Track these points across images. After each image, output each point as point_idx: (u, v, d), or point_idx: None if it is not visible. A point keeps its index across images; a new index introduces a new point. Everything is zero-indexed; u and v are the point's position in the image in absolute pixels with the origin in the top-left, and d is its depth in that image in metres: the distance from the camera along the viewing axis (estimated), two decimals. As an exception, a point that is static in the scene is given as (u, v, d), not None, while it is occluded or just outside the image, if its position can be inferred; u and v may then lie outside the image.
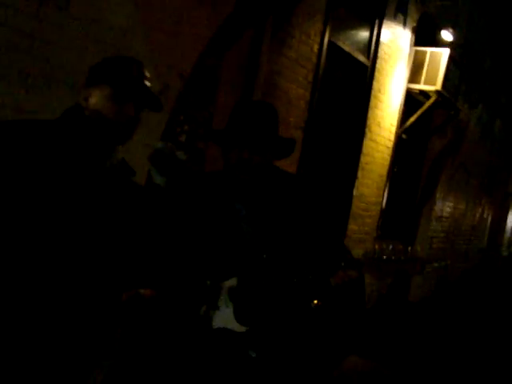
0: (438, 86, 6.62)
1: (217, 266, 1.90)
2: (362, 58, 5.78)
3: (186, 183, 2.07)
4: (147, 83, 1.72)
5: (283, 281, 1.83)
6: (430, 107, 6.91)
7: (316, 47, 4.85)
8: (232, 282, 1.88)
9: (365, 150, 6.12)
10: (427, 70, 6.66)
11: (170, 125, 3.37)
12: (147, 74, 1.73)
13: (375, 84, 6.05)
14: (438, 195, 8.56)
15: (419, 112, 6.88)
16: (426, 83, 6.72)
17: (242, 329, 1.85)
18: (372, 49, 5.90)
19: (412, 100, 7.01)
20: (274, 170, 2.02)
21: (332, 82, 5.38)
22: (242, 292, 1.86)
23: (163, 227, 2.09)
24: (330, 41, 5.01)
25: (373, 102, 6.08)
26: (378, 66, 6.02)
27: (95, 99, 1.67)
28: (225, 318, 1.86)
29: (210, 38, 3.52)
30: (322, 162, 5.48)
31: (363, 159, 6.12)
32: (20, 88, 2.65)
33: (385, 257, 1.80)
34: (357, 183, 6.07)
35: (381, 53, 6.03)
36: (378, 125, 6.35)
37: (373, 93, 6.03)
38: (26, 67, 2.66)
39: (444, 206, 9.08)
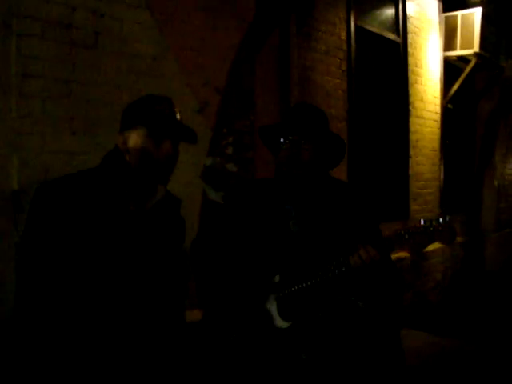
0: (476, 47, 6.40)
1: (263, 265, 1.90)
2: (392, 36, 5.67)
3: (239, 192, 2.08)
4: (179, 118, 1.75)
5: (322, 276, 1.80)
6: (471, 71, 6.68)
7: (344, 35, 4.79)
8: (275, 279, 1.88)
9: (412, 127, 5.99)
10: (461, 34, 6.46)
11: (215, 140, 3.39)
12: (177, 109, 1.75)
13: (410, 59, 5.92)
14: (496, 159, 8.26)
15: (461, 78, 6.66)
16: (462, 48, 6.52)
17: (285, 324, 1.85)
18: (400, 25, 5.78)
19: (451, 68, 6.81)
20: (325, 175, 2.02)
21: (366, 67, 5.29)
22: (285, 288, 1.85)
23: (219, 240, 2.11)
24: (356, 25, 4.95)
25: (411, 77, 5.95)
26: (409, 40, 5.89)
27: (133, 141, 1.69)
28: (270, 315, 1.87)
29: (238, 47, 3.54)
30: (371, 149, 5.39)
31: (413, 137, 5.99)
32: (66, 132, 2.73)
33: (416, 230, 1.73)
34: (410, 162, 5.94)
35: (410, 27, 5.90)
36: (421, 100, 6.20)
37: (409, 68, 5.90)
38: (69, 111, 2.74)
39: (505, 170, 8.76)
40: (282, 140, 1.93)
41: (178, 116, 1.75)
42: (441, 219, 1.69)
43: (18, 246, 2.30)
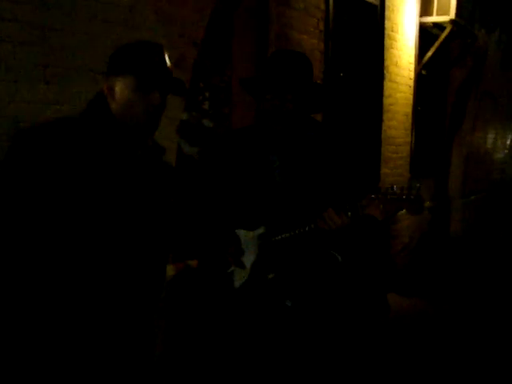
0: (452, 14, 6.42)
1: (247, 215, 1.91)
2: (370, -1, 5.63)
3: (220, 142, 2.08)
4: (169, 68, 1.70)
5: (305, 228, 1.83)
6: (446, 38, 6.71)
7: (323, -6, 4.73)
8: (260, 230, 1.90)
9: (386, 92, 6.01)
10: (438, 0, 6.46)
11: (192, 94, 3.35)
12: (167, 58, 1.70)
13: (387, 23, 5.90)
14: (465, 127, 8.39)
15: (436, 45, 6.69)
16: (438, 14, 6.52)
17: (270, 275, 1.87)
18: (379, -14, 5.73)
19: (427, 34, 6.82)
20: (306, 119, 2.01)
21: (344, 29, 5.26)
22: (269, 240, 1.87)
23: (196, 190, 2.11)
24: (335, -15, 4.89)
25: (387, 42, 5.94)
26: (387, 3, 5.84)
27: (120, 90, 1.64)
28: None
29: (216, 0, 3.47)
30: (345, 111, 5.41)
31: (386, 101, 6.02)
32: (40, 81, 2.66)
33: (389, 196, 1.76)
34: (383, 126, 5.98)
35: (388, -11, 5.86)
36: (396, 65, 6.21)
37: (386, 33, 5.88)
38: (42, 59, 2.66)
39: (473, 137, 8.91)
40: (264, 91, 1.93)
41: (168, 65, 1.70)
42: (412, 188, 1.72)
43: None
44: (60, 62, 2.70)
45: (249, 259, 1.88)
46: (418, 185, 1.76)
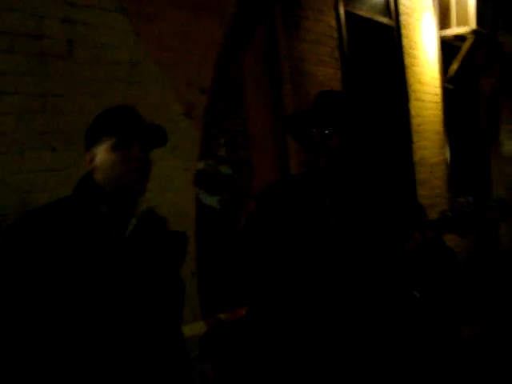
0: (472, 24, 6.22)
1: (306, 263, 1.80)
2: (384, 20, 5.48)
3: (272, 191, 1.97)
4: (144, 121, 1.63)
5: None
6: (470, 49, 6.49)
7: (333, 22, 4.62)
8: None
9: (413, 111, 5.81)
10: (457, 11, 6.28)
11: (206, 142, 3.24)
12: (142, 115, 1.64)
13: (405, 42, 5.74)
14: (502, 136, 8.06)
15: (459, 57, 6.48)
16: (458, 25, 6.34)
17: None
18: (392, 7, 5.59)
19: (449, 47, 6.62)
20: (356, 162, 1.90)
21: (360, 53, 5.12)
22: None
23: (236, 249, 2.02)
24: (346, 11, 4.77)
25: (407, 60, 5.77)
26: (402, 22, 5.70)
27: (100, 157, 1.58)
28: None
29: (222, 44, 3.38)
30: (373, 138, 5.21)
31: (414, 121, 5.81)
32: (45, 149, 2.59)
33: (465, 209, 1.58)
34: (414, 148, 5.76)
35: (402, 8, 5.72)
36: (420, 82, 6.02)
37: (405, 51, 5.72)
38: (45, 127, 2.60)
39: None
40: (307, 129, 1.85)
41: (142, 118, 1.63)
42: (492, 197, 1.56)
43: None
44: (64, 128, 2.63)
45: None
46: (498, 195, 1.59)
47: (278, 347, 1.78)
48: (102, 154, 1.57)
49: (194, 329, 3.12)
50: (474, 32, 6.26)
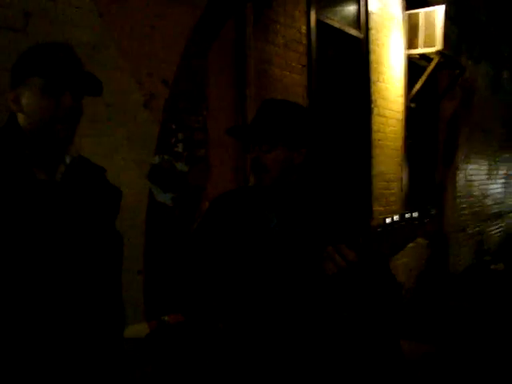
0: (439, 45, 6.29)
1: (242, 273, 1.72)
2: (354, 32, 5.48)
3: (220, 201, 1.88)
4: (81, 66, 1.49)
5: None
6: (434, 70, 6.57)
7: (304, 28, 4.57)
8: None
9: (375, 126, 5.82)
10: (425, 31, 6.34)
11: (163, 136, 3.12)
12: (78, 57, 1.50)
13: (373, 56, 5.75)
14: (458, 160, 8.20)
15: (424, 77, 6.54)
16: (425, 46, 6.39)
17: None
18: (362, 20, 5.60)
19: (414, 66, 6.69)
20: (303, 175, 1.81)
21: (327, 63, 5.10)
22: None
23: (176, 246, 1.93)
24: (317, 19, 4.74)
25: (374, 75, 5.78)
26: (371, 37, 5.72)
27: (26, 98, 1.43)
28: None
29: (189, 37, 3.27)
30: (332, 149, 5.20)
31: (375, 136, 5.82)
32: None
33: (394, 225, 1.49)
34: (373, 162, 5.77)
35: (372, 23, 5.73)
36: (384, 98, 6.04)
37: (372, 66, 5.73)
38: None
39: (467, 170, 8.71)
40: (247, 145, 1.77)
41: (78, 64, 1.49)
42: (424, 211, 1.46)
43: None
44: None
45: None
46: (434, 210, 1.49)
47: (221, 330, 1.70)
48: (27, 96, 1.42)
49: (136, 330, 2.98)
50: (439, 53, 6.34)
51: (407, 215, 1.45)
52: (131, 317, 2.93)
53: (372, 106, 5.74)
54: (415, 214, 1.44)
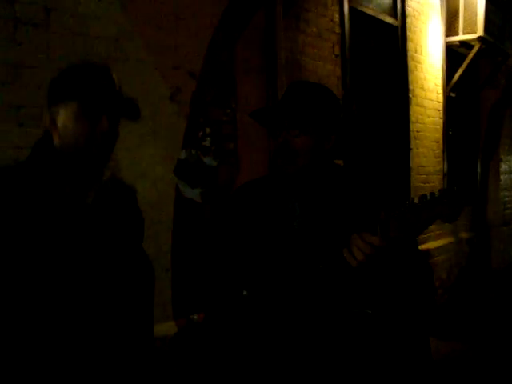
0: (480, 31, 6.01)
1: (262, 267, 1.63)
2: (389, 20, 5.28)
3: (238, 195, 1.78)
4: (118, 89, 1.44)
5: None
6: (474, 57, 6.29)
7: (337, 17, 4.41)
8: None
9: (413, 117, 5.61)
10: (464, 17, 6.08)
11: (191, 131, 3.03)
12: (116, 79, 1.45)
13: (410, 45, 5.54)
14: (501, 151, 7.88)
15: (464, 65, 6.28)
16: (465, 32, 6.14)
17: None
18: (398, 7, 5.39)
19: (454, 54, 6.44)
20: (328, 163, 1.69)
21: (362, 52, 4.92)
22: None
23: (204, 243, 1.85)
24: (350, 7, 4.57)
25: (411, 64, 5.57)
26: (408, 24, 5.51)
27: (62, 120, 1.39)
28: None
29: (216, 27, 3.17)
30: (368, 141, 5.03)
31: (413, 127, 5.62)
32: (12, 124, 2.38)
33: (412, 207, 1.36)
34: (411, 154, 5.56)
35: (409, 10, 5.52)
36: (422, 88, 5.83)
37: (409, 54, 5.52)
38: (15, 100, 2.39)
39: (511, 161, 8.37)
40: (273, 129, 1.63)
41: (116, 87, 1.44)
42: (447, 190, 1.33)
43: None
44: (35, 102, 2.41)
45: None
46: (455, 187, 1.36)
47: (245, 297, 1.62)
48: (63, 117, 1.39)
49: (164, 329, 2.91)
50: (480, 39, 6.06)
51: (429, 197, 1.33)
52: (159, 315, 2.87)
53: (410, 95, 5.54)
54: (437, 194, 1.32)
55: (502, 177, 7.89)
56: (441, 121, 6.21)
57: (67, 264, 1.35)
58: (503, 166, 7.98)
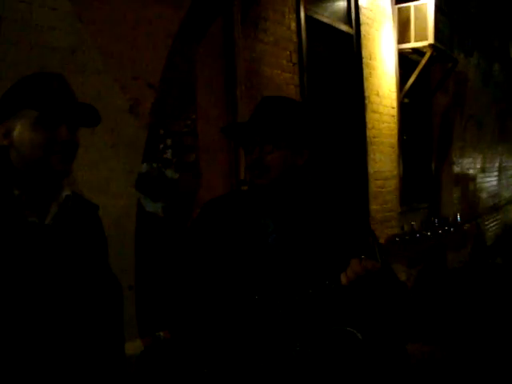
0: (430, 39, 6.17)
1: (237, 284, 1.60)
2: (344, 28, 5.34)
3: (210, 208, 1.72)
4: (75, 97, 1.40)
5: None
6: (426, 64, 6.44)
7: (293, 25, 4.42)
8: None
9: (369, 123, 5.68)
10: (415, 25, 6.22)
11: (151, 143, 2.96)
12: (71, 87, 1.40)
13: (364, 52, 5.61)
14: (453, 153, 8.09)
15: (417, 71, 6.42)
16: (417, 40, 6.28)
17: None
18: (353, 15, 5.46)
19: (407, 61, 6.57)
20: (303, 177, 1.68)
21: (319, 60, 4.95)
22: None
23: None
24: (307, 15, 4.59)
25: (366, 71, 5.65)
26: (362, 32, 5.58)
27: (19, 131, 1.32)
28: None
29: (175, 37, 3.12)
30: (328, 147, 5.05)
31: (370, 133, 5.69)
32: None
33: (418, 235, 1.40)
34: (369, 160, 5.63)
35: (363, 18, 5.59)
36: (377, 94, 5.91)
37: (364, 61, 5.59)
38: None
39: (462, 163, 8.60)
40: (245, 144, 1.62)
41: (73, 93, 1.40)
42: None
43: None
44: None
45: None
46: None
47: (206, 375, 1.58)
48: (20, 129, 1.32)
49: (130, 348, 2.83)
50: (431, 46, 6.22)
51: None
52: (125, 334, 2.79)
53: (366, 102, 5.61)
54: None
55: (453, 179, 8.09)
56: (395, 126, 6.31)
57: (27, 288, 1.28)
58: (455, 169, 8.19)
